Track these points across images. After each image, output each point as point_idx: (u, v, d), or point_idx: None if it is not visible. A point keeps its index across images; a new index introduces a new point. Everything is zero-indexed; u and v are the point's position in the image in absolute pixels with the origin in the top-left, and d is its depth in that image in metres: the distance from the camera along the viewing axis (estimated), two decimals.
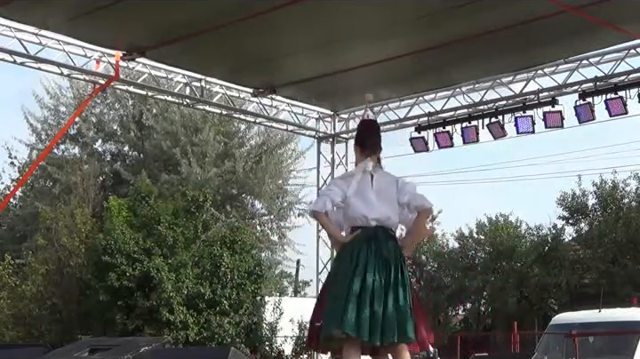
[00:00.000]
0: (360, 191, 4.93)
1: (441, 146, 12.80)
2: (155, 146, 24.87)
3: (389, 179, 5.04)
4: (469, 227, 27.94)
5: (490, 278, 26.12)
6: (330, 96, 13.33)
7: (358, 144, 5.09)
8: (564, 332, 11.50)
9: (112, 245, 17.50)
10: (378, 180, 4.98)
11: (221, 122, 24.48)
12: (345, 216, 5.01)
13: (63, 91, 25.90)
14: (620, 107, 11.14)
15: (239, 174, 24.41)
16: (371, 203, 4.92)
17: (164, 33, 10.52)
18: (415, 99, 13.32)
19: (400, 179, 5.07)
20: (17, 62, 11.30)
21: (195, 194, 19.09)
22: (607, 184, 25.32)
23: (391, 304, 4.77)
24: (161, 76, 12.66)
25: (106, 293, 17.44)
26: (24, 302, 18.97)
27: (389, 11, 9.61)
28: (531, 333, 19.14)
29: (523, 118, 11.96)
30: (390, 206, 4.95)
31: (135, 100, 25.24)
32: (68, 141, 25.87)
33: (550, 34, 10.38)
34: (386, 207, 4.94)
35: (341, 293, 4.77)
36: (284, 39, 10.64)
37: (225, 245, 18.78)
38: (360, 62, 11.28)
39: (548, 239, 26.08)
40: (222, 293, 18.01)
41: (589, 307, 13.56)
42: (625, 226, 24.05)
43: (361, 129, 5.33)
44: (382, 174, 5.05)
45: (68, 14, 9.97)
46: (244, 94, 13.51)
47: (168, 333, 16.65)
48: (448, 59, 11.26)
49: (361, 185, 4.95)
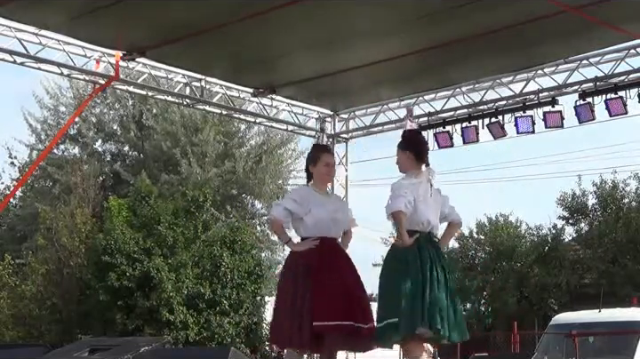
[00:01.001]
0: (425, 198, 5.49)
1: (441, 146, 12.78)
2: (155, 146, 24.88)
3: (437, 189, 5.69)
4: (469, 227, 27.95)
5: (490, 278, 26.12)
6: (330, 96, 13.32)
7: (412, 151, 5.63)
8: (564, 332, 11.52)
9: (112, 245, 17.52)
10: (434, 190, 5.62)
11: (221, 122, 24.49)
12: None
13: (63, 91, 25.97)
14: (619, 107, 11.13)
15: (239, 174, 24.42)
16: (432, 210, 5.53)
17: (164, 33, 10.50)
18: (415, 99, 13.30)
19: (441, 191, 5.73)
20: (17, 62, 11.28)
21: (195, 194, 19.12)
22: (607, 184, 25.34)
23: (452, 304, 5.38)
24: (161, 76, 12.64)
25: (106, 293, 17.46)
26: (24, 302, 18.99)
27: (389, 11, 9.60)
28: (531, 333, 19.16)
29: (523, 118, 11.94)
30: (437, 214, 5.61)
31: (135, 100, 25.25)
32: (68, 141, 25.88)
33: (550, 34, 10.37)
34: (435, 215, 5.58)
35: (416, 292, 5.21)
36: (285, 39, 10.63)
37: (225, 245, 18.79)
38: (360, 62, 11.27)
39: (548, 239, 26.10)
40: (222, 293, 18.03)
41: (589, 307, 13.58)
42: (625, 226, 24.06)
43: (414, 138, 5.83)
44: (433, 184, 5.66)
45: (68, 14, 9.95)
46: (244, 94, 13.49)
47: (168, 333, 16.68)
48: (448, 59, 11.25)
49: (425, 192, 5.51)
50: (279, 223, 5.85)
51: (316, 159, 5.96)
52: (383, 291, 5.46)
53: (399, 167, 5.67)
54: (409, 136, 5.79)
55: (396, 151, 5.71)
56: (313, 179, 6.00)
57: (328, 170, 5.99)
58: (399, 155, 5.67)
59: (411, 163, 5.60)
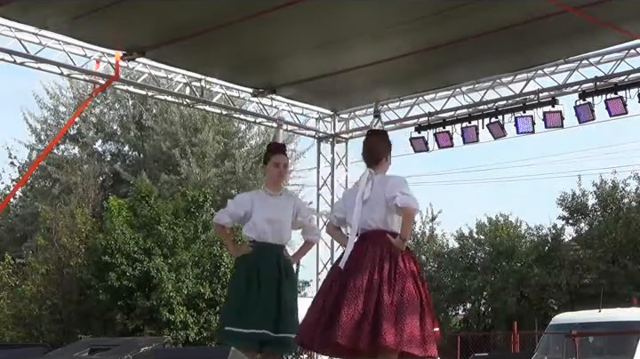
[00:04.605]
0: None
1: (441, 146, 12.80)
2: (154, 146, 24.88)
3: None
4: (469, 227, 27.94)
5: (490, 278, 26.10)
6: (330, 96, 13.33)
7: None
8: (564, 332, 11.52)
9: (112, 245, 17.51)
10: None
11: (221, 122, 24.48)
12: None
13: (63, 91, 25.93)
14: (619, 107, 11.14)
15: (239, 174, 24.41)
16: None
17: (164, 33, 10.52)
18: (415, 99, 13.31)
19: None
20: (17, 62, 11.30)
21: (195, 194, 19.10)
22: (607, 184, 25.33)
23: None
24: (161, 76, 12.65)
25: (106, 293, 17.45)
26: (24, 302, 18.97)
27: (390, 11, 9.61)
28: (531, 333, 19.13)
29: (523, 118, 11.96)
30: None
31: (135, 101, 25.25)
32: (68, 141, 25.85)
33: (550, 34, 10.38)
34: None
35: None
36: (285, 39, 10.64)
37: (225, 245, 18.78)
38: (360, 62, 11.28)
39: (548, 239, 26.08)
40: (222, 293, 17.99)
41: (589, 307, 13.59)
42: (625, 226, 24.05)
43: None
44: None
45: (68, 14, 9.96)
46: (244, 94, 13.50)
47: (168, 333, 16.66)
48: (448, 59, 11.26)
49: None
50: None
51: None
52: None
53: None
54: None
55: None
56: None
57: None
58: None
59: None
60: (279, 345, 5.52)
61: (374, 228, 5.02)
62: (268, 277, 5.54)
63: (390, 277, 4.85)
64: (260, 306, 5.45)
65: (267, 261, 5.61)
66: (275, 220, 5.68)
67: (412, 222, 5.09)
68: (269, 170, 5.87)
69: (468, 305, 27.89)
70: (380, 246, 4.95)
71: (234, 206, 5.78)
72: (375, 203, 5.03)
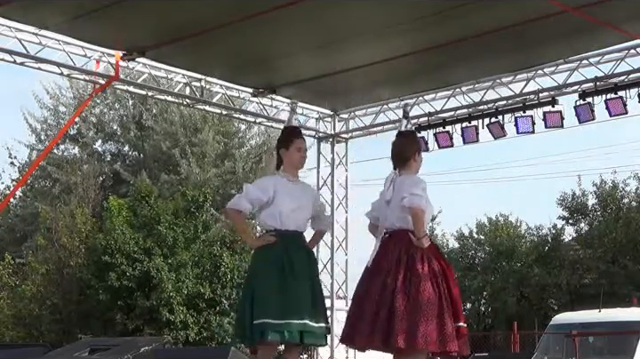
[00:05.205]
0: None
1: (441, 146, 12.79)
2: (154, 146, 24.88)
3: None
4: (469, 227, 27.99)
5: (490, 278, 26.13)
6: (330, 96, 13.32)
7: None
8: (564, 332, 11.51)
9: (112, 245, 17.52)
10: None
11: (221, 122, 24.49)
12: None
13: (63, 91, 25.93)
14: (619, 107, 11.14)
15: (239, 174, 24.41)
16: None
17: (164, 33, 10.52)
18: (415, 99, 13.30)
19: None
20: (17, 62, 11.29)
21: (195, 194, 19.11)
22: (607, 184, 25.36)
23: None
24: (161, 76, 12.65)
25: (106, 293, 17.45)
26: (24, 302, 18.98)
27: (389, 11, 9.61)
28: (531, 333, 19.14)
29: (523, 118, 11.95)
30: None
31: (135, 101, 25.26)
32: (68, 141, 25.86)
33: (550, 34, 10.37)
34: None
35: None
36: (285, 39, 10.64)
37: (225, 245, 18.78)
38: (360, 62, 11.28)
39: (548, 239, 26.11)
40: (222, 293, 18.02)
41: (589, 307, 13.59)
42: (625, 226, 24.08)
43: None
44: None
45: (68, 14, 9.96)
46: (244, 94, 13.50)
47: (168, 333, 16.68)
48: (448, 59, 11.25)
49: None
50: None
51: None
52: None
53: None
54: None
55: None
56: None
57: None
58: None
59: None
60: (319, 336, 5.29)
61: (398, 228, 5.23)
62: (300, 266, 5.27)
63: (405, 279, 5.05)
64: (299, 296, 5.17)
65: (295, 250, 5.32)
66: (298, 208, 5.38)
67: (420, 221, 5.13)
68: (292, 154, 5.45)
69: (468, 305, 27.90)
70: (399, 247, 5.17)
71: (258, 191, 5.37)
72: (395, 203, 5.23)
